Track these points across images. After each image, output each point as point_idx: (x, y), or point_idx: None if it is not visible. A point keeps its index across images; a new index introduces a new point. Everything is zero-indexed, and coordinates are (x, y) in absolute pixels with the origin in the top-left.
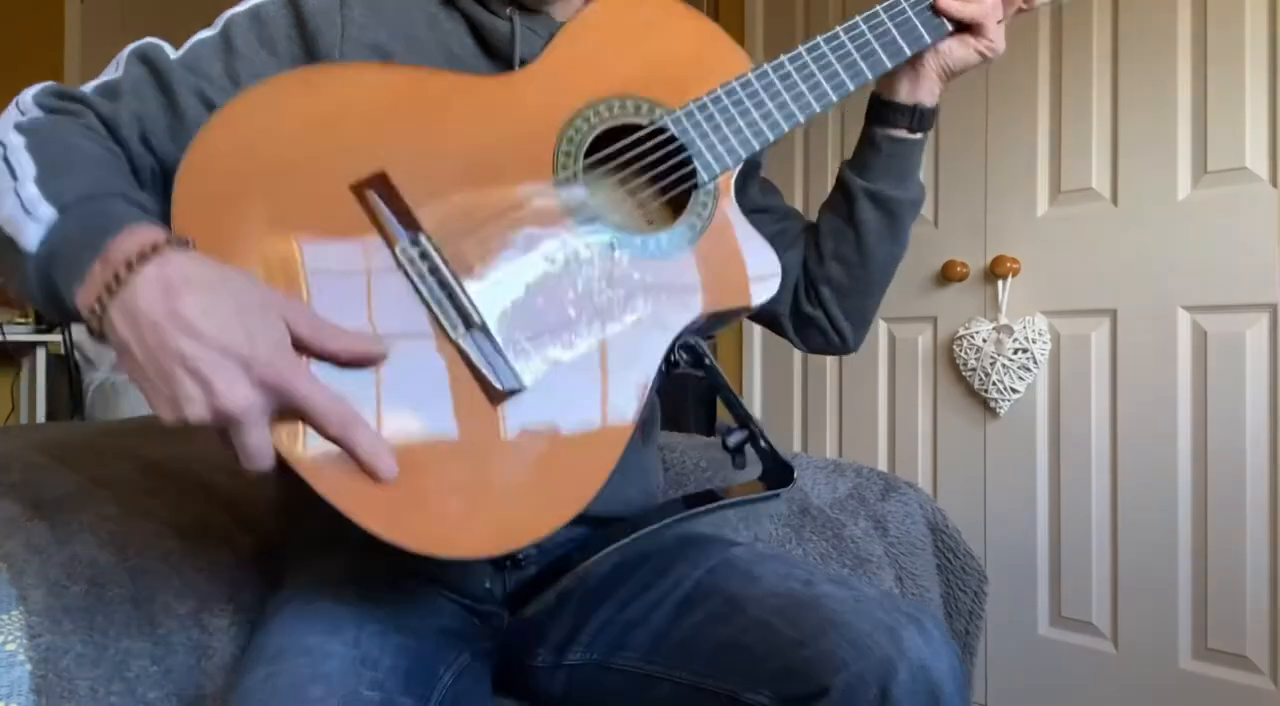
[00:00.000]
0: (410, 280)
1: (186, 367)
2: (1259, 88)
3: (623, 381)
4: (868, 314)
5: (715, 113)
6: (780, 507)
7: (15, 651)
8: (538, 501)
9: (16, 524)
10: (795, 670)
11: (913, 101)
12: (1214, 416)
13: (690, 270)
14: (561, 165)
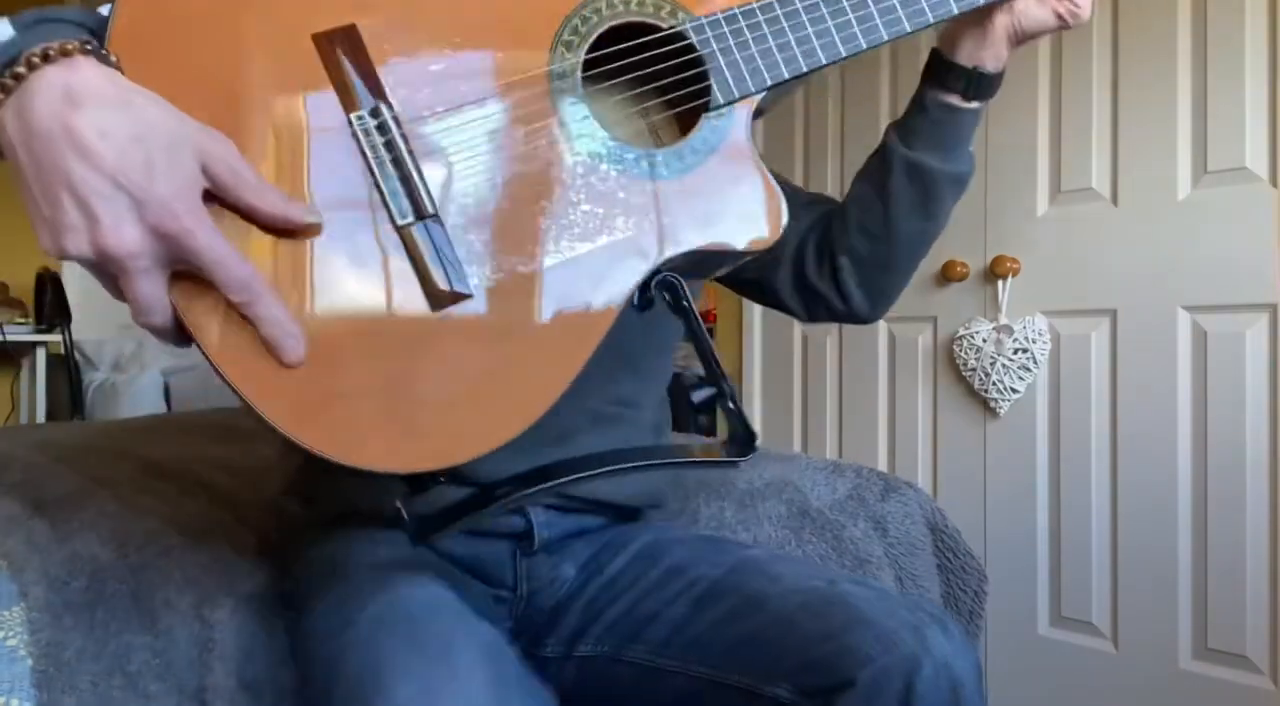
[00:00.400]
0: (362, 153)
1: (73, 193)
2: (1259, 88)
3: (583, 306)
4: (889, 290)
5: (745, 28)
6: (780, 509)
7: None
8: (464, 422)
9: (17, 522)
10: (819, 663)
11: (972, 63)
12: (1214, 416)
13: (682, 199)
14: (560, 55)
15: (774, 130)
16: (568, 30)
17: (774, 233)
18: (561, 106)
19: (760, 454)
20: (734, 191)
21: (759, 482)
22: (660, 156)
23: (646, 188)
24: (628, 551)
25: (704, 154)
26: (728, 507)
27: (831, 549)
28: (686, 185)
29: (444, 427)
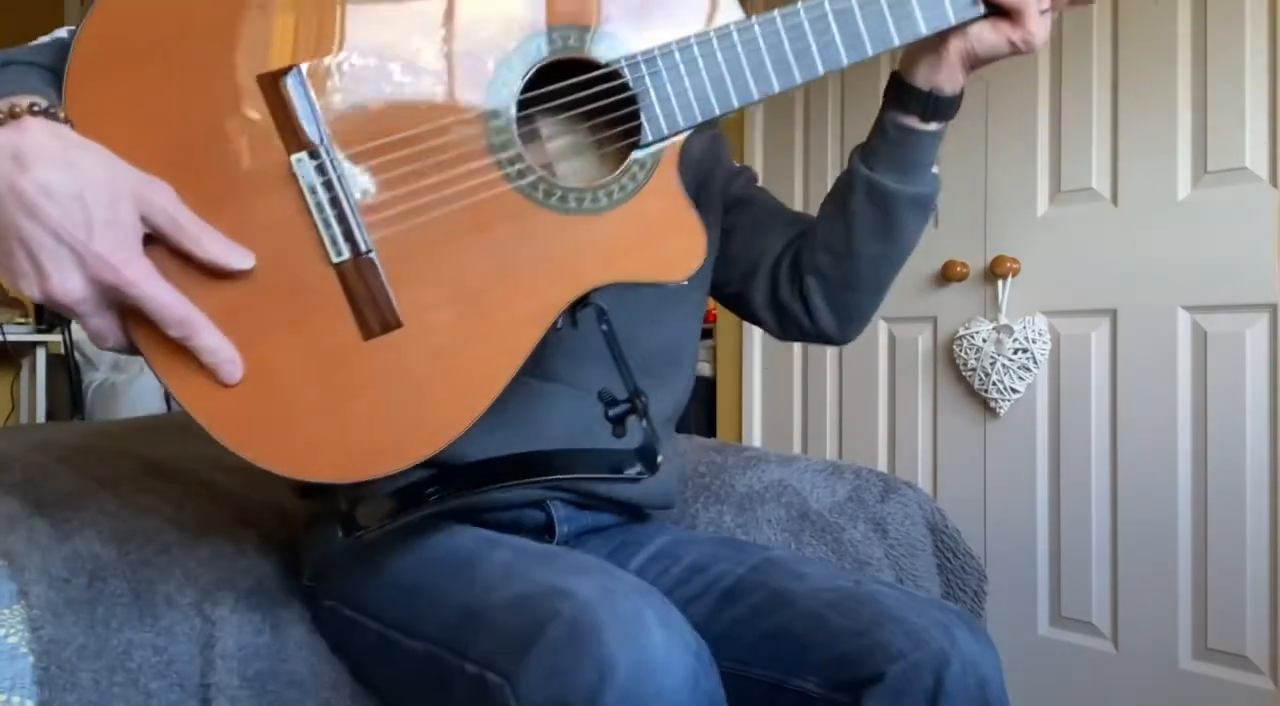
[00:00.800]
0: (300, 191)
1: (24, 247)
2: (1259, 88)
3: (506, 334)
4: (854, 311)
5: (680, 63)
6: (779, 512)
7: (17, 644)
8: (391, 437)
9: (17, 520)
10: (849, 657)
11: (929, 86)
12: (1214, 416)
13: (603, 234)
14: (495, 93)
15: (773, 130)
16: (504, 67)
17: (692, 268)
18: (495, 144)
19: (759, 455)
20: (658, 227)
21: (758, 485)
22: (589, 192)
23: (574, 222)
24: (646, 550)
25: (631, 190)
26: (726, 512)
27: (831, 551)
28: (612, 220)
29: (373, 442)
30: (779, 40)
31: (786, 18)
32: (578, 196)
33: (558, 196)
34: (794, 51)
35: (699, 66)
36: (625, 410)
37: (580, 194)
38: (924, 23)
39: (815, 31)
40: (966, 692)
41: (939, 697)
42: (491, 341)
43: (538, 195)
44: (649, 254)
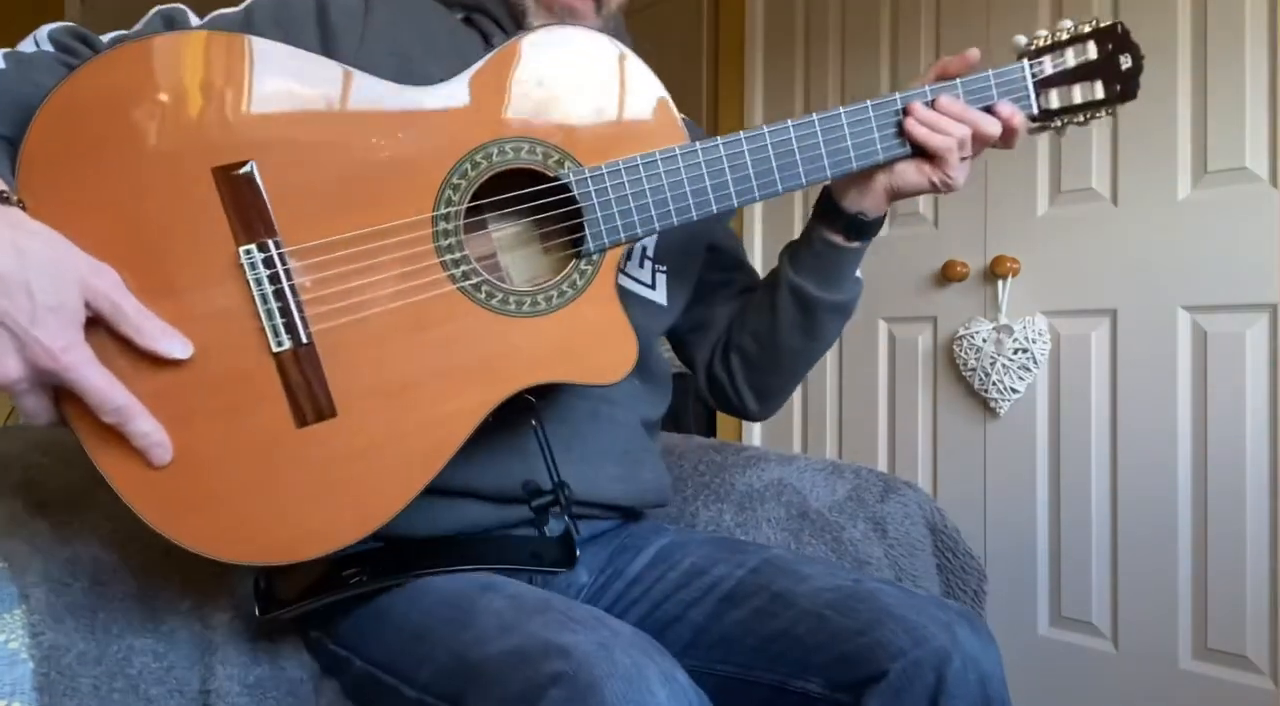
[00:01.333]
0: (246, 282)
1: None
2: (1259, 88)
3: (437, 429)
4: (774, 392)
5: (626, 181)
6: (779, 511)
7: (18, 649)
8: (315, 526)
9: (18, 522)
10: (850, 657)
11: (855, 210)
12: (1214, 416)
13: (539, 337)
14: (445, 199)
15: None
16: (456, 174)
17: (622, 373)
18: (442, 246)
19: (759, 455)
20: (593, 333)
21: (758, 484)
22: (529, 296)
23: (512, 324)
24: (645, 553)
25: (570, 296)
26: (726, 510)
27: (831, 550)
28: (549, 323)
29: (297, 529)
30: (721, 167)
31: (729, 145)
32: (518, 299)
33: (499, 298)
34: (734, 178)
35: (643, 185)
36: (548, 501)
37: (521, 297)
38: (855, 160)
39: (755, 161)
40: (968, 689)
41: (940, 694)
42: (422, 435)
43: (480, 296)
44: (582, 359)
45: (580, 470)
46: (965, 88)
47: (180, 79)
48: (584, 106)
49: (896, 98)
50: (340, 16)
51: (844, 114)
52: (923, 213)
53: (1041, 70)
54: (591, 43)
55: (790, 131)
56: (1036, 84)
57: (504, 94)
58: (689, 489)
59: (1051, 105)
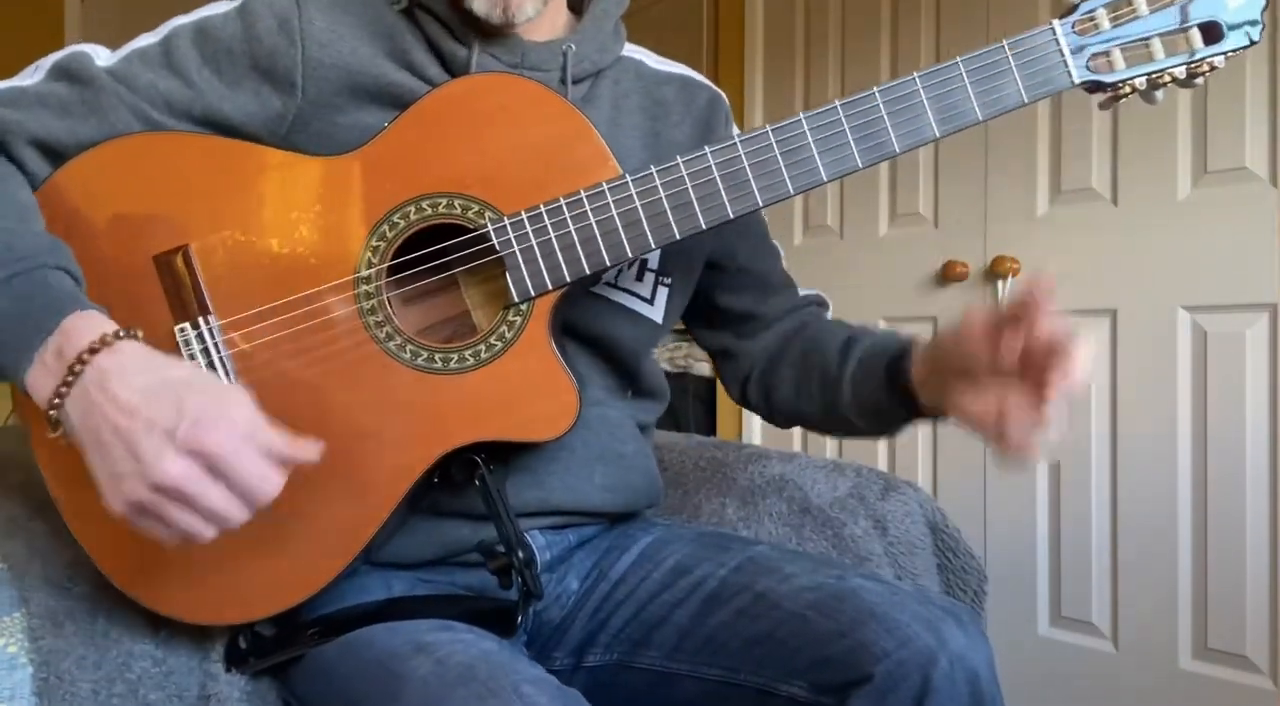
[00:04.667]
0: (181, 358)
1: (125, 442)
2: (1259, 88)
3: (372, 490)
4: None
5: (549, 225)
6: (780, 506)
7: (17, 654)
8: (251, 590)
9: (18, 524)
10: (834, 660)
11: (930, 401)
12: (1214, 416)
13: (469, 394)
14: (366, 262)
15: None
16: (375, 236)
17: (564, 427)
18: (365, 308)
19: (760, 452)
20: (527, 386)
21: (760, 480)
22: (456, 352)
23: (441, 382)
24: (630, 553)
25: (499, 349)
26: (729, 504)
27: (832, 546)
28: (478, 379)
29: (238, 593)
30: (657, 198)
31: (663, 172)
32: (444, 357)
33: (424, 357)
34: (672, 207)
35: (568, 226)
36: (504, 563)
37: (447, 354)
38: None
39: (696, 186)
40: (955, 689)
41: (926, 696)
42: (356, 498)
43: (404, 356)
44: (517, 413)
45: (565, 481)
46: (968, 65)
47: (116, 186)
48: (505, 153)
49: None
50: (271, 35)
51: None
52: (923, 213)
53: (1094, 27)
54: (507, 87)
55: (739, 149)
56: (1085, 43)
57: (422, 150)
58: (690, 482)
59: (1116, 67)
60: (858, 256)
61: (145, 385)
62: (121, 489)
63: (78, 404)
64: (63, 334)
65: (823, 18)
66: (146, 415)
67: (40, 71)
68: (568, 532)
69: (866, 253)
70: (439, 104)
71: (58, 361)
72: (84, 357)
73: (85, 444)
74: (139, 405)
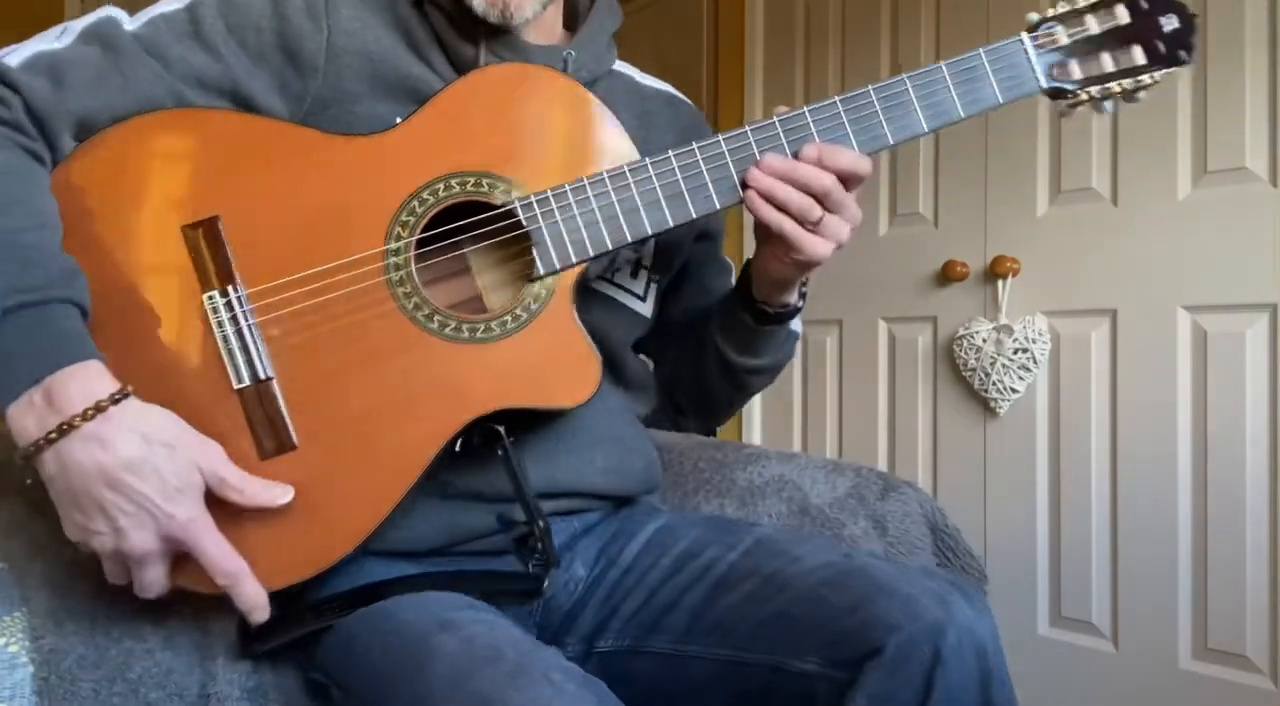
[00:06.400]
0: (209, 326)
1: (104, 512)
2: (1259, 88)
3: (398, 457)
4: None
5: (572, 202)
6: (780, 507)
7: (17, 653)
8: (286, 553)
9: (19, 524)
10: (847, 634)
11: (760, 298)
12: (1214, 416)
13: (495, 363)
14: (395, 235)
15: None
16: (405, 212)
17: (586, 395)
18: (392, 280)
19: (759, 453)
20: (549, 356)
21: (759, 480)
22: (483, 323)
23: (467, 351)
24: (638, 539)
25: (524, 320)
26: (728, 504)
27: None
28: (504, 349)
29: (263, 559)
30: (674, 180)
31: (681, 156)
32: (471, 327)
33: (452, 327)
34: (689, 189)
35: (591, 205)
36: (523, 533)
37: (474, 324)
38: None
39: (710, 170)
40: (963, 662)
41: (937, 667)
42: (383, 464)
43: (432, 325)
44: (540, 381)
45: (569, 462)
46: (951, 68)
47: (152, 156)
48: (530, 137)
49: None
50: (299, 19)
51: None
52: (923, 212)
53: (1053, 41)
54: (534, 77)
55: (748, 135)
56: (1045, 54)
57: (450, 133)
58: (690, 484)
59: (1073, 76)
60: (858, 256)
61: (130, 460)
62: (87, 541)
63: (59, 458)
64: (58, 382)
65: (823, 17)
66: (137, 493)
67: (70, 35)
68: (572, 519)
69: (866, 252)
70: (468, 90)
71: (48, 408)
72: (75, 422)
73: (60, 494)
74: (124, 481)
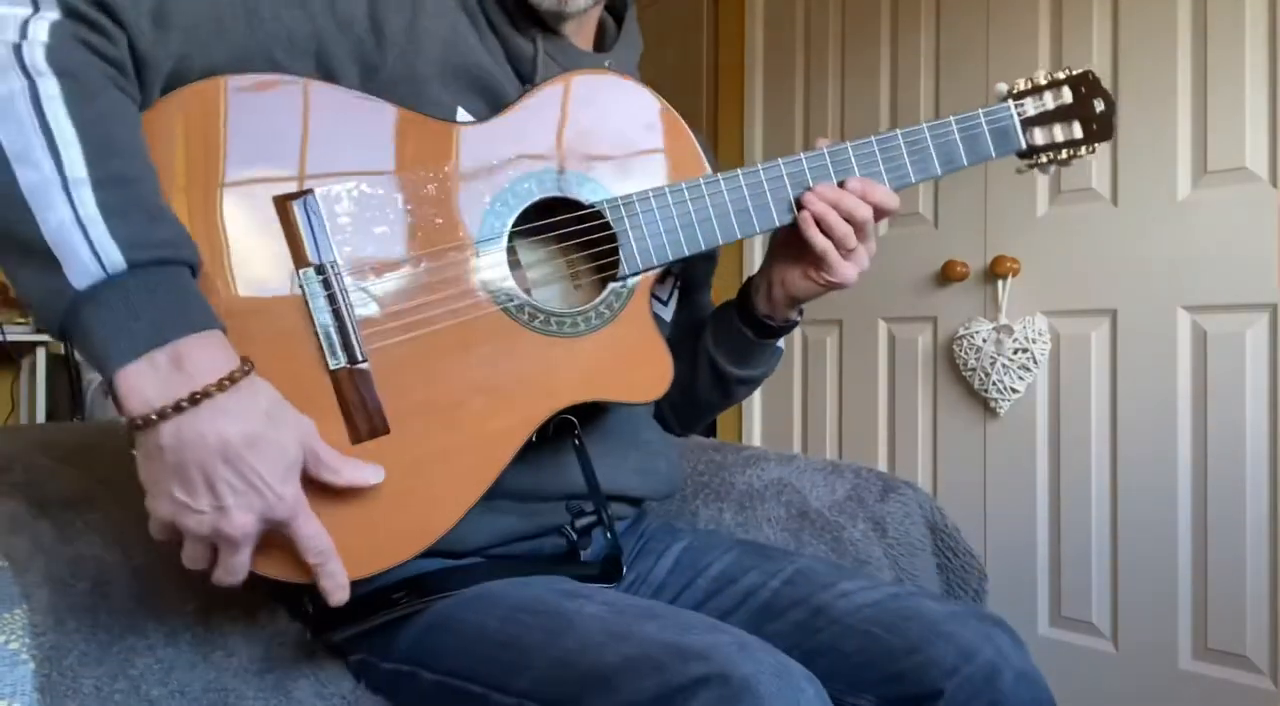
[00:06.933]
0: (305, 302)
1: (212, 490)
2: (1259, 88)
3: (487, 445)
4: (693, 421)
5: (655, 209)
6: (779, 511)
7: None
8: (372, 541)
9: (20, 522)
10: (903, 676)
11: (764, 312)
12: (1214, 416)
13: (583, 356)
14: (489, 225)
15: (774, 130)
16: (499, 202)
17: (660, 391)
18: (485, 269)
19: (758, 455)
20: (629, 352)
21: (758, 484)
22: (569, 317)
23: (554, 343)
24: (667, 558)
25: (607, 317)
26: (726, 509)
27: (831, 550)
28: (589, 343)
29: (354, 545)
30: (741, 195)
31: (748, 175)
32: (558, 320)
33: (540, 320)
34: (754, 206)
35: (671, 212)
36: (591, 523)
37: (561, 318)
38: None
39: (773, 190)
40: (1021, 700)
41: None
42: (471, 452)
43: (522, 317)
44: (622, 376)
45: (606, 463)
46: (959, 124)
47: (245, 117)
48: (619, 144)
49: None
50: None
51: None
52: (923, 212)
53: (1024, 111)
54: (622, 88)
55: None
56: (1022, 123)
57: (546, 130)
58: (689, 487)
59: (1036, 142)
60: None
61: (253, 435)
62: (180, 519)
63: (180, 431)
64: (188, 347)
65: (823, 20)
66: (249, 468)
67: None
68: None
69: None
70: (565, 91)
71: (176, 373)
72: (210, 391)
73: (164, 467)
74: (244, 458)
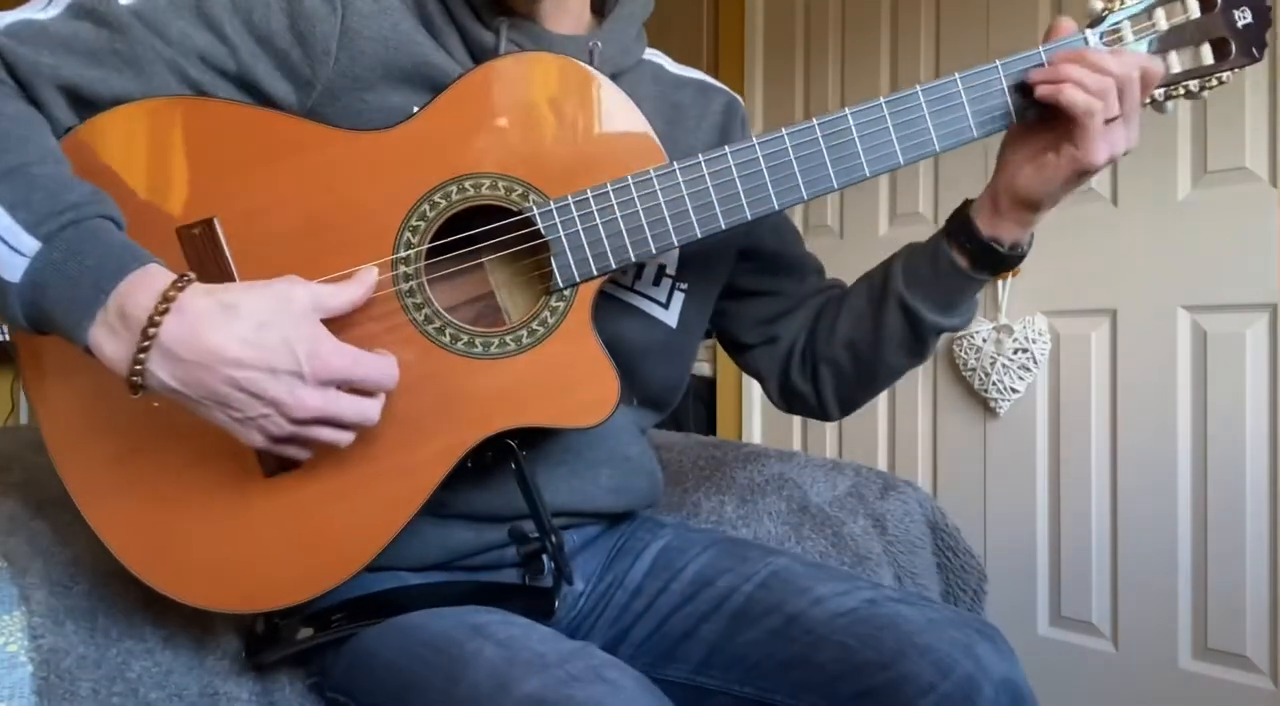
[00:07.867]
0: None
1: (245, 391)
2: (1259, 88)
3: (408, 475)
4: (861, 402)
5: (595, 210)
6: (779, 505)
7: (17, 653)
8: (288, 574)
9: (19, 523)
10: (876, 692)
11: (989, 234)
12: (1214, 416)
13: (510, 379)
14: (404, 242)
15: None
16: (414, 216)
17: (603, 415)
18: (403, 292)
19: (759, 451)
20: (564, 372)
21: (759, 478)
22: (498, 336)
23: (483, 366)
24: (644, 559)
25: (540, 335)
26: (728, 502)
27: (831, 545)
28: (522, 364)
29: (271, 578)
30: (704, 187)
31: (710, 162)
32: (485, 341)
33: (464, 341)
34: (719, 197)
35: (614, 214)
36: (536, 549)
37: (488, 338)
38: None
39: (743, 176)
40: None
41: None
42: (392, 482)
43: (444, 339)
44: (558, 400)
45: (571, 484)
46: (1005, 69)
47: (142, 150)
48: (551, 136)
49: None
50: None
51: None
52: (922, 212)
53: (1120, 38)
54: (555, 68)
55: (785, 140)
56: None
57: (465, 129)
58: (690, 480)
59: None
60: (858, 256)
61: (240, 335)
62: (263, 428)
63: (163, 366)
64: (122, 294)
65: (823, 18)
66: (261, 363)
67: (57, 7)
68: (571, 533)
69: (866, 253)
70: (484, 82)
71: (124, 325)
72: (155, 320)
73: (193, 399)
74: (245, 356)
